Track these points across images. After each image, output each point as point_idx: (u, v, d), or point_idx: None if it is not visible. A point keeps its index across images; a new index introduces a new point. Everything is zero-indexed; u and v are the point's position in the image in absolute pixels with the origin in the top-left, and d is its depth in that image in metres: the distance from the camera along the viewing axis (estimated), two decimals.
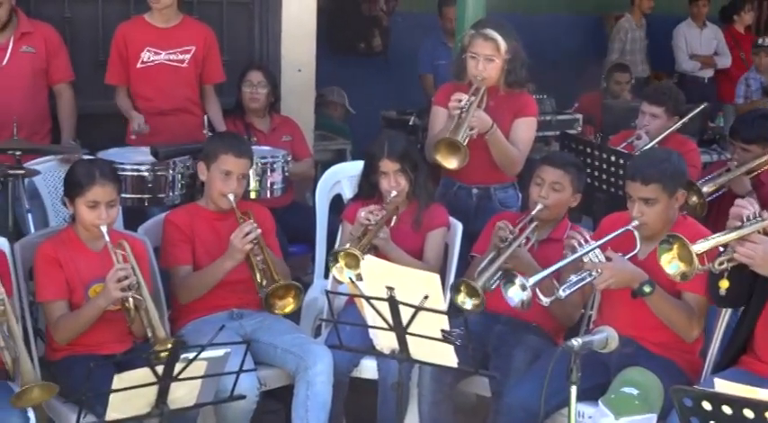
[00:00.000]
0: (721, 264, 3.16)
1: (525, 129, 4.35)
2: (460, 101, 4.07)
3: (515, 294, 3.47)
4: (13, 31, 4.75)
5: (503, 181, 4.40)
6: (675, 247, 3.16)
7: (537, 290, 3.45)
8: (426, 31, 7.25)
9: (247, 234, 3.70)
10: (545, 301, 3.45)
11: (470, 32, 4.28)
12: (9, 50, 4.73)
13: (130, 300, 3.43)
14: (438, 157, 4.08)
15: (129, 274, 3.42)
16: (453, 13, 5.94)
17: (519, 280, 3.46)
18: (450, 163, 4.08)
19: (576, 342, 2.82)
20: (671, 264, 3.17)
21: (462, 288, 3.63)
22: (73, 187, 3.56)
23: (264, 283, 3.74)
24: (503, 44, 4.19)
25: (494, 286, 3.64)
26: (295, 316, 4.01)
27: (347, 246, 3.80)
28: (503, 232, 3.75)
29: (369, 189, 4.11)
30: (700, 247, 3.12)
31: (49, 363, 3.59)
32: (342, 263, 3.70)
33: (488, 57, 4.18)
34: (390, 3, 7.93)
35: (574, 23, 8.79)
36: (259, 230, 3.73)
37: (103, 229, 3.49)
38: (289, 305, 3.72)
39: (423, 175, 4.08)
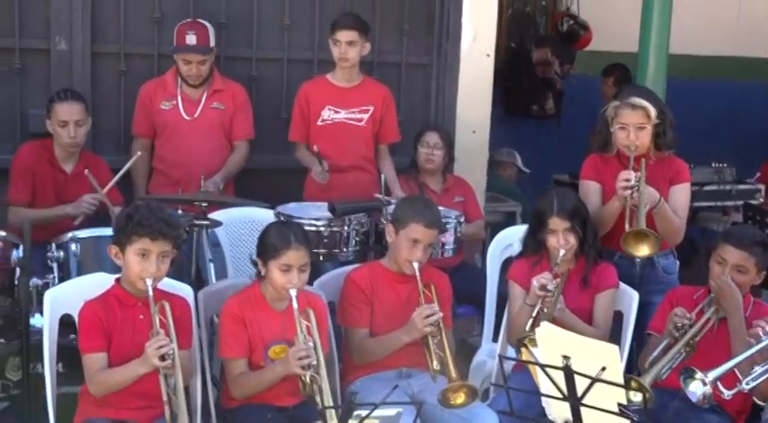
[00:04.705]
0: None
1: (682, 196, 4.22)
2: (629, 180, 3.97)
3: (696, 389, 3.33)
4: (207, 88, 5.02)
5: (663, 248, 4.24)
6: None
7: (718, 383, 3.31)
8: (600, 93, 7.20)
9: (429, 316, 3.71)
10: (727, 394, 3.31)
11: (614, 104, 4.16)
12: (201, 105, 5.00)
13: (307, 375, 3.44)
14: (628, 249, 3.98)
15: (310, 354, 3.42)
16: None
17: (699, 375, 3.32)
18: (642, 251, 3.99)
19: None
20: None
21: (632, 384, 3.51)
22: (267, 249, 3.61)
23: (438, 367, 3.72)
24: (652, 110, 4.09)
25: (665, 376, 3.52)
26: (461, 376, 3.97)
27: (527, 329, 3.73)
28: (678, 320, 3.63)
29: (535, 246, 4.06)
30: None
31: (225, 410, 3.69)
32: (529, 346, 3.60)
33: (639, 125, 4.08)
34: (565, 66, 7.92)
35: (755, 89, 8.52)
36: (441, 314, 3.73)
37: (293, 293, 3.52)
38: (460, 398, 3.66)
39: (592, 233, 4.00)
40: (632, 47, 5.43)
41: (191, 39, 4.92)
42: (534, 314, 3.78)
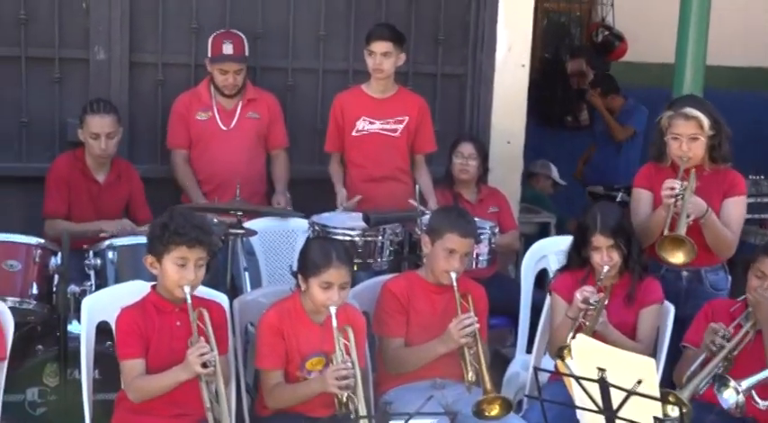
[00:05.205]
0: None
1: (737, 209, 4.19)
2: (674, 188, 3.95)
3: (729, 397, 3.32)
4: (241, 98, 5.06)
5: (713, 263, 4.23)
6: None
7: (753, 392, 3.28)
8: (636, 104, 7.17)
9: (466, 327, 3.71)
10: (762, 404, 3.29)
11: (668, 114, 4.14)
12: (237, 115, 5.06)
13: (344, 395, 3.43)
14: (663, 254, 3.97)
15: (349, 375, 3.41)
16: None
17: (733, 383, 3.31)
18: (677, 258, 3.96)
19: None
20: None
21: (671, 398, 3.48)
22: (308, 266, 3.59)
23: (473, 378, 3.73)
24: (706, 121, 4.06)
25: (703, 390, 3.50)
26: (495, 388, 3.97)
27: (568, 339, 3.72)
28: (717, 337, 3.60)
29: (579, 262, 4.04)
30: None
31: (258, 418, 3.70)
32: (567, 357, 3.59)
33: (692, 136, 4.05)
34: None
35: None
36: (477, 325, 3.73)
37: (332, 309, 3.51)
38: (494, 410, 3.66)
39: (636, 248, 3.97)
40: (668, 58, 5.41)
41: (227, 48, 4.97)
42: (576, 327, 3.76)
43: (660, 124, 4.18)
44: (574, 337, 3.60)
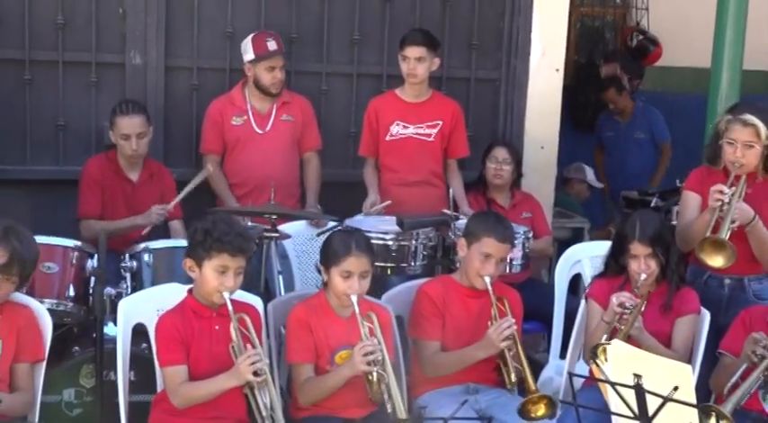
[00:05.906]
0: None
1: None
2: (722, 193, 3.93)
3: None
4: (275, 100, 5.09)
5: (758, 272, 4.18)
6: None
7: None
8: (670, 109, 7.14)
9: (505, 330, 3.72)
10: None
11: (727, 117, 4.12)
12: (272, 118, 5.08)
13: (374, 373, 3.47)
14: (702, 256, 3.93)
15: (375, 349, 3.46)
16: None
17: None
18: (716, 261, 3.92)
19: None
20: None
21: (713, 411, 3.44)
22: (329, 256, 3.65)
23: (514, 379, 3.74)
24: (764, 130, 4.02)
25: (744, 401, 3.46)
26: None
27: (603, 339, 3.69)
28: (758, 348, 3.56)
29: (616, 269, 4.02)
30: None
31: (293, 420, 3.69)
32: (601, 358, 3.57)
33: (747, 143, 4.02)
34: (634, 81, 7.82)
35: None
36: (515, 327, 3.75)
37: (354, 299, 3.55)
38: (540, 410, 3.66)
39: (675, 258, 3.95)
40: (703, 62, 5.37)
41: (272, 44, 5.02)
42: (610, 331, 3.74)
43: (717, 127, 4.16)
44: (608, 341, 3.59)
